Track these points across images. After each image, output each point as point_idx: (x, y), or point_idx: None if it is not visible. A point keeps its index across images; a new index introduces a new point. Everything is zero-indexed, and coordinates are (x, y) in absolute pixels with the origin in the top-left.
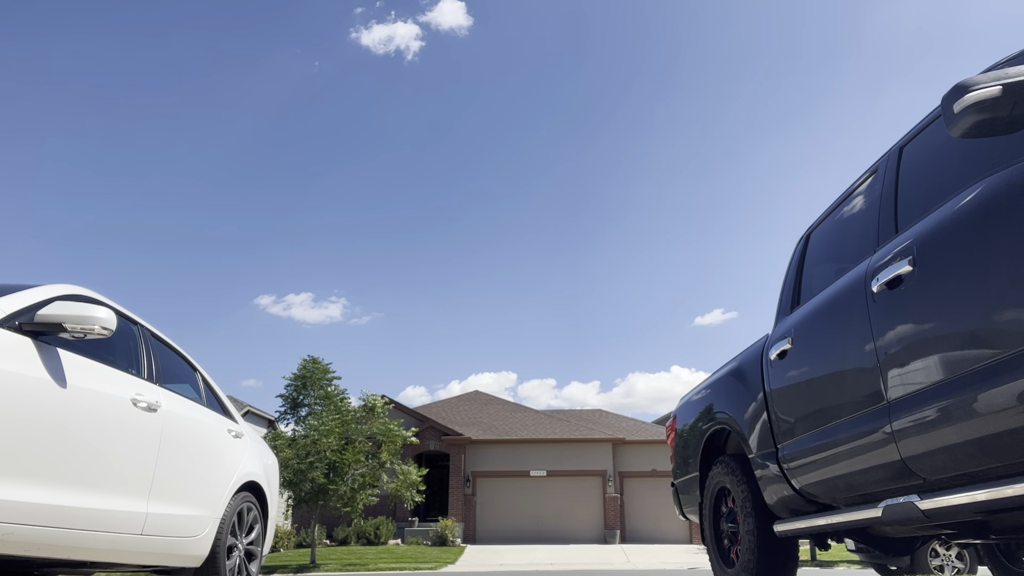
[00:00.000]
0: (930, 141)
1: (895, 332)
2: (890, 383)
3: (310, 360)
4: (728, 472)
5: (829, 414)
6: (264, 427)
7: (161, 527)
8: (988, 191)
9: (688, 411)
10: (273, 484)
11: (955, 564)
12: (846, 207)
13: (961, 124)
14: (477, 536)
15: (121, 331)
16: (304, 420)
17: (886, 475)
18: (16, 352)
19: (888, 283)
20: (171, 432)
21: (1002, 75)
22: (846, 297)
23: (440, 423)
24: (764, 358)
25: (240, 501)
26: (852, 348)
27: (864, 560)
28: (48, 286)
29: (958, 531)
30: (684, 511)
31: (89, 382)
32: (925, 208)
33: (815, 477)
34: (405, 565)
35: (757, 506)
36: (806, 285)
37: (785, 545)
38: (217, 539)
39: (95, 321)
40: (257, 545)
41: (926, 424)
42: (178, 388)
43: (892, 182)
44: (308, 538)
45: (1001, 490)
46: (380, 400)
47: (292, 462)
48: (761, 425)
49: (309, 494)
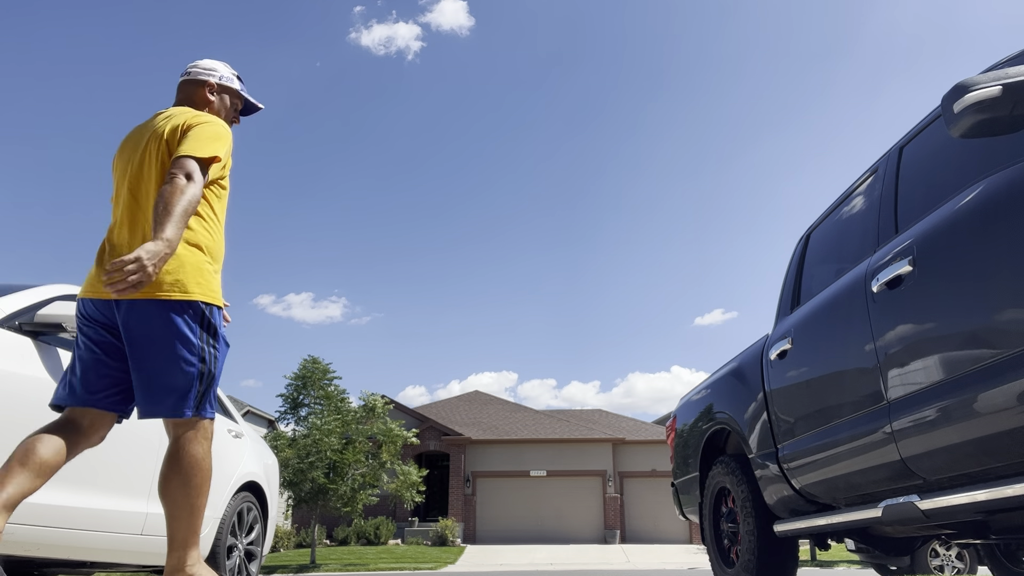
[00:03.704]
0: (930, 141)
1: (895, 332)
2: (890, 383)
3: (310, 360)
4: (728, 472)
5: (829, 414)
6: (264, 427)
7: (161, 527)
8: (988, 191)
9: (688, 411)
10: (273, 484)
11: (955, 564)
12: (846, 207)
13: (961, 124)
14: (477, 536)
15: None
16: (304, 420)
17: (886, 475)
18: (16, 352)
19: (888, 283)
20: None
21: (1002, 75)
22: (846, 297)
23: (440, 423)
24: (764, 358)
25: (240, 501)
26: (852, 348)
27: (864, 560)
28: (48, 286)
29: (958, 531)
30: (684, 511)
31: None
32: (925, 208)
33: (815, 477)
34: (405, 565)
35: (757, 506)
36: (806, 285)
37: (785, 545)
38: (217, 539)
39: None
40: (257, 545)
41: (926, 424)
42: None
43: (892, 182)
44: (308, 538)
45: (1001, 490)
46: (380, 400)
47: (292, 462)
48: (761, 425)
49: (309, 494)
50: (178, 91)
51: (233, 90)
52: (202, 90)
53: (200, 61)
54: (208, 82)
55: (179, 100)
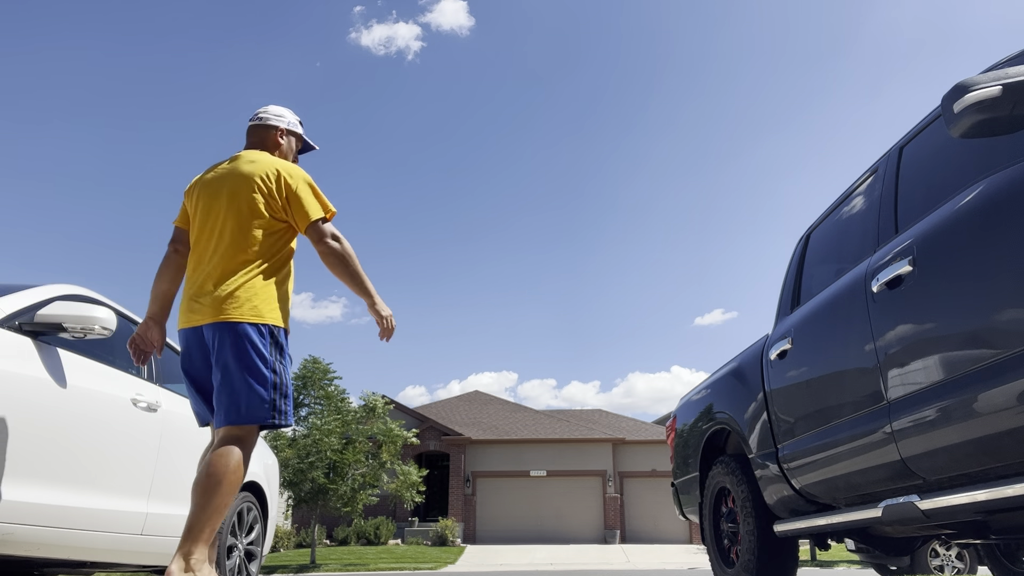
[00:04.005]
0: (930, 141)
1: (895, 332)
2: (890, 383)
3: (310, 360)
4: (728, 472)
5: (829, 414)
6: None
7: (161, 527)
8: (988, 191)
9: (688, 411)
10: (273, 484)
11: (955, 564)
12: (846, 207)
13: (961, 124)
14: (477, 536)
15: (121, 331)
16: (304, 420)
17: (886, 475)
18: (16, 352)
19: (888, 283)
20: (171, 432)
21: (1002, 75)
22: (846, 297)
23: (440, 423)
24: (764, 358)
25: (240, 501)
26: (852, 348)
27: (864, 560)
28: (48, 286)
29: (958, 531)
30: (684, 511)
31: (89, 382)
32: (925, 208)
33: (815, 477)
34: (405, 565)
35: (757, 506)
36: (806, 285)
37: (785, 545)
38: (217, 539)
39: (95, 321)
40: (257, 545)
41: (926, 424)
42: (178, 388)
43: (892, 182)
44: (308, 538)
45: (1001, 490)
46: (381, 400)
47: (292, 462)
48: (761, 425)
49: (309, 494)
50: (249, 134)
51: (298, 134)
52: (273, 134)
53: (269, 107)
54: (278, 127)
55: (251, 143)
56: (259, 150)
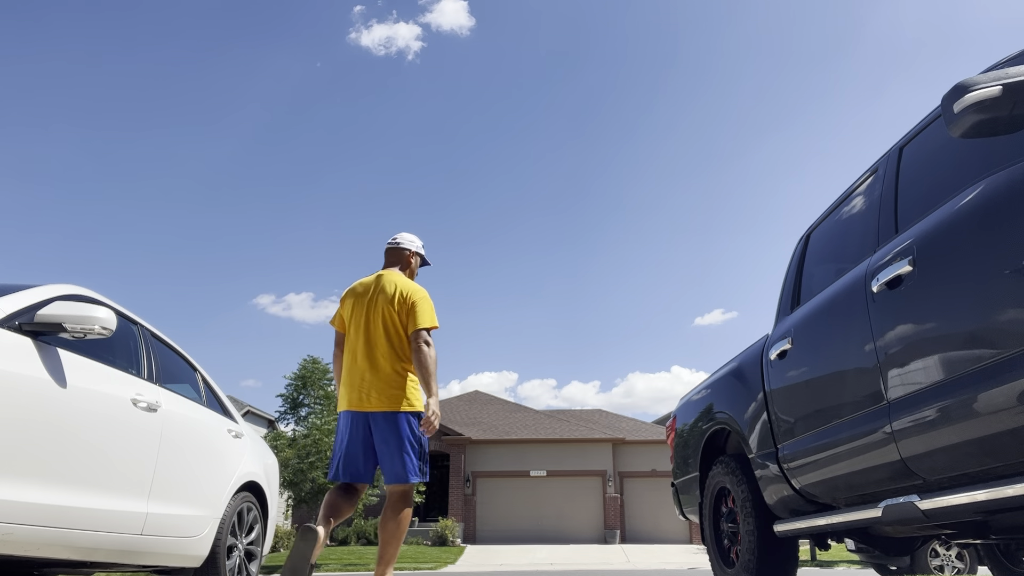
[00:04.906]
0: (930, 141)
1: (895, 332)
2: (890, 383)
3: (310, 360)
4: (728, 472)
5: (829, 414)
6: (264, 427)
7: (161, 527)
8: (988, 191)
9: (688, 411)
10: (273, 484)
11: (955, 564)
12: (846, 207)
13: (961, 124)
14: (477, 536)
15: (121, 331)
16: (304, 420)
17: (886, 475)
18: (16, 352)
19: (888, 283)
20: (171, 432)
21: (1002, 75)
22: (846, 297)
23: (440, 423)
24: (764, 358)
25: (240, 501)
26: (852, 348)
27: (864, 560)
28: (48, 286)
29: (958, 531)
30: (684, 511)
31: (89, 382)
32: (925, 208)
33: (815, 477)
34: (405, 565)
35: (757, 506)
36: (806, 285)
37: (785, 545)
38: (217, 539)
39: (95, 321)
40: (257, 545)
41: (926, 424)
42: (178, 388)
43: (892, 182)
44: None
45: (1001, 490)
46: None
47: (292, 462)
48: (761, 425)
49: (309, 494)
50: (388, 255)
51: (422, 256)
52: (407, 256)
53: (403, 234)
54: (411, 251)
55: (390, 262)
56: (395, 269)
